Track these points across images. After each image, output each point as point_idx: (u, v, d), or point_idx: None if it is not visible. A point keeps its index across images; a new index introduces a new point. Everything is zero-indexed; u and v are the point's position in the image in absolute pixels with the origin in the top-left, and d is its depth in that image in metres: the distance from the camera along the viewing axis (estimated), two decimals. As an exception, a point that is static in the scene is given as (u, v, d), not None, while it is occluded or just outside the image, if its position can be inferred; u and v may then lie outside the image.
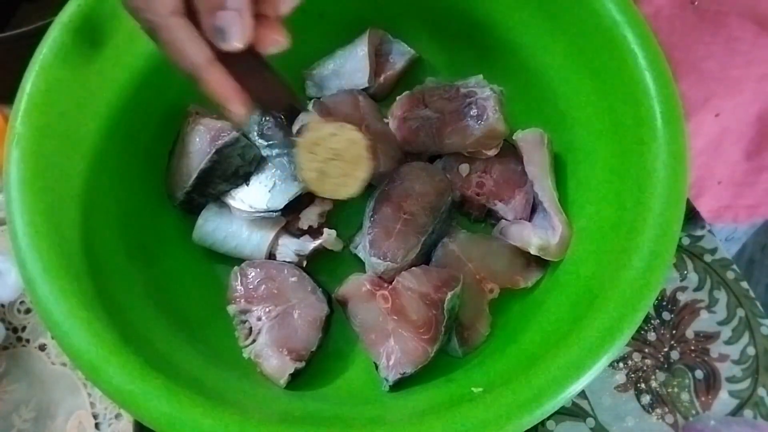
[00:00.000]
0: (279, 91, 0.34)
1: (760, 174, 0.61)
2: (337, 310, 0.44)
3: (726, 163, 0.61)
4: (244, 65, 0.31)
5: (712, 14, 0.51)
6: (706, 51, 0.52)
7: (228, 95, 0.32)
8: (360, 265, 0.46)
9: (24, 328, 0.50)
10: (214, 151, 0.43)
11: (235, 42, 0.30)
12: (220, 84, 0.31)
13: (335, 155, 0.35)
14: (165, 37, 0.30)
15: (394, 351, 0.41)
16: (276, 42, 0.32)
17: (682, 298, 0.52)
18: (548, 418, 0.47)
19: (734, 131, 0.58)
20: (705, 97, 0.55)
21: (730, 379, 0.49)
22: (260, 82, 0.33)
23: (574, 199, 0.44)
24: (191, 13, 0.30)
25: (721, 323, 0.51)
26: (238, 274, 0.44)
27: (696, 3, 0.50)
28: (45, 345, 0.49)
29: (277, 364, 0.41)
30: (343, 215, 0.48)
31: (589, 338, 0.33)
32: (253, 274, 0.44)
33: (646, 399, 0.48)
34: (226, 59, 0.31)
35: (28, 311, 0.51)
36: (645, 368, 0.49)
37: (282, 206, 0.43)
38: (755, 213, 0.64)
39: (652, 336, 0.50)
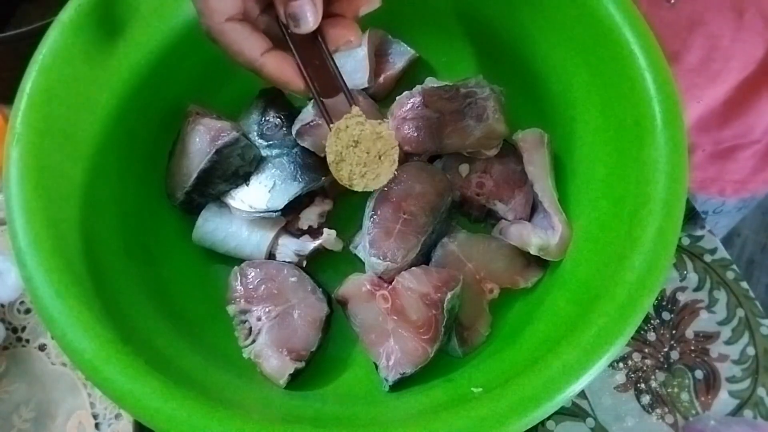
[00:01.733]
0: (335, 81, 0.36)
1: (745, 149, 0.62)
2: (337, 310, 0.44)
3: (711, 138, 0.62)
4: (310, 54, 0.35)
5: (688, 12, 0.51)
6: (684, 45, 0.53)
7: (285, 77, 0.34)
8: (360, 265, 0.46)
9: (24, 328, 0.50)
10: (214, 151, 0.43)
11: (307, 26, 0.33)
12: (276, 69, 0.34)
13: (354, 143, 0.36)
14: (221, 41, 0.33)
15: (394, 351, 0.41)
16: (348, 42, 0.35)
17: (682, 298, 0.52)
18: (548, 418, 0.47)
19: (718, 113, 0.59)
20: (686, 87, 0.56)
21: (730, 379, 0.49)
22: (321, 72, 0.36)
23: (574, 199, 0.44)
24: (268, 6, 0.34)
25: (720, 323, 0.51)
26: (238, 274, 0.44)
27: (672, 1, 0.51)
28: (45, 345, 0.49)
29: (277, 364, 0.41)
30: (343, 215, 0.48)
31: (589, 338, 0.33)
32: (252, 274, 0.44)
33: (646, 399, 0.48)
34: (295, 47, 0.34)
35: (28, 311, 0.51)
36: (645, 368, 0.49)
37: (282, 206, 0.43)
38: (743, 188, 0.64)
39: (651, 336, 0.50)
